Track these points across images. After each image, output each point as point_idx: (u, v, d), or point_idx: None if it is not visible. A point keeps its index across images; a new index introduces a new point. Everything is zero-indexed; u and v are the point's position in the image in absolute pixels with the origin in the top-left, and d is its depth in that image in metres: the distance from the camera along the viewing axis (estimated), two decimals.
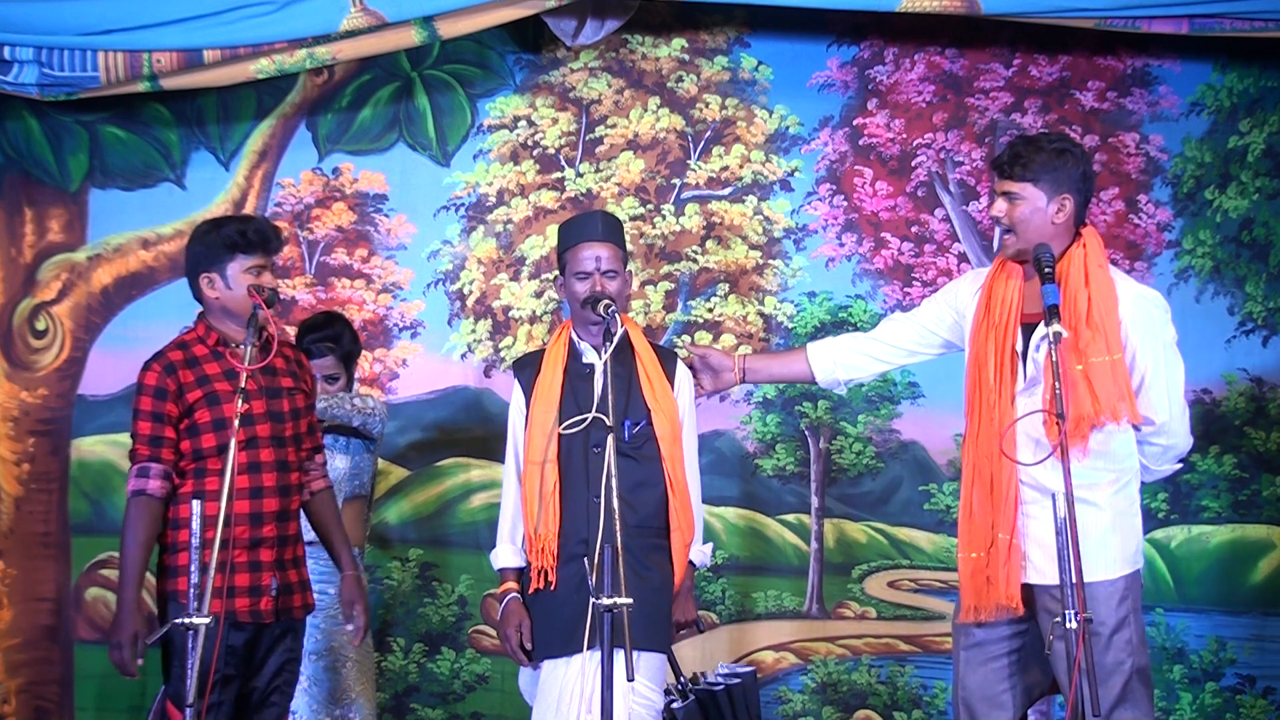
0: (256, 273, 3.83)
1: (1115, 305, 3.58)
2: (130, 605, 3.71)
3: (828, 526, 5.44)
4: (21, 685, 5.41)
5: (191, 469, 3.79)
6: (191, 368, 3.81)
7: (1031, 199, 3.62)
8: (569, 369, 3.90)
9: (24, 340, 5.47)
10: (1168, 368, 3.63)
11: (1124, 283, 3.67)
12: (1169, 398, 3.62)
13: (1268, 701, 5.37)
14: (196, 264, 3.88)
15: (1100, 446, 3.58)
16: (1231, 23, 4.98)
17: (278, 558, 3.84)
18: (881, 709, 5.41)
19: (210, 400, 3.77)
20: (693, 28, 5.53)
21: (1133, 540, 3.65)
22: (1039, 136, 3.75)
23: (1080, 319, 3.57)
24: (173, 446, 3.78)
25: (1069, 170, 3.62)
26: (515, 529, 3.91)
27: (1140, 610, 3.67)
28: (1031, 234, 3.62)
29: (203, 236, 3.90)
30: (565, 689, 3.72)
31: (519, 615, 3.84)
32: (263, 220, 4.03)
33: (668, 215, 5.52)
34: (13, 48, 4.96)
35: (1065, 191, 3.61)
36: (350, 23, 4.89)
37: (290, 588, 3.88)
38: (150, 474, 3.75)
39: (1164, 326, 3.66)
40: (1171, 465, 3.77)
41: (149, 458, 3.76)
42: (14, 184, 5.50)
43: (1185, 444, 3.71)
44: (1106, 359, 3.53)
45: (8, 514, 5.43)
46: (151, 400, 3.78)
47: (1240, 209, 5.46)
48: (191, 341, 3.88)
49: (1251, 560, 5.37)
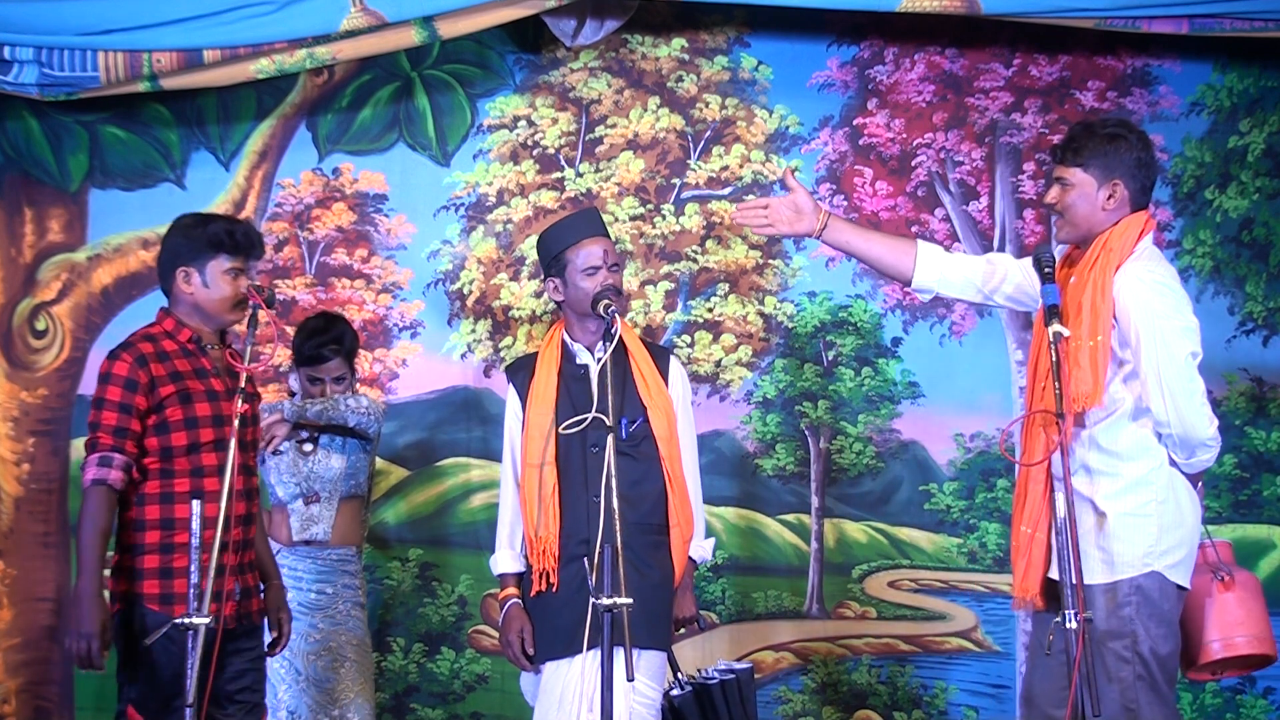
0: (235, 275, 3.77)
1: (1108, 289, 3.48)
2: (93, 595, 3.62)
3: (828, 526, 5.44)
4: (21, 685, 5.41)
5: (157, 468, 3.71)
6: (162, 362, 3.74)
7: (1081, 184, 3.58)
8: (563, 370, 3.91)
9: (24, 340, 5.47)
10: (1156, 349, 3.45)
11: (1134, 265, 3.53)
12: (1162, 382, 3.45)
13: (1268, 701, 5.37)
14: (175, 256, 3.80)
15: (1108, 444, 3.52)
16: (1231, 23, 4.98)
17: (239, 562, 3.79)
18: (881, 709, 5.40)
19: (183, 398, 3.71)
20: (693, 28, 5.52)
21: (1141, 544, 3.49)
22: (1095, 122, 3.70)
23: (1074, 304, 3.51)
24: (136, 440, 3.69)
25: (1121, 155, 3.57)
26: (514, 533, 3.92)
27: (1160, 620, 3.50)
28: (1081, 220, 3.59)
29: (186, 230, 3.83)
30: (566, 688, 3.73)
31: (520, 621, 3.85)
32: (249, 224, 3.99)
33: (668, 215, 5.52)
34: (13, 48, 4.96)
35: (1116, 177, 3.56)
36: (350, 23, 4.89)
37: (249, 592, 3.85)
38: (113, 464, 3.66)
39: (1156, 307, 3.48)
40: (1198, 458, 3.53)
41: (112, 447, 3.66)
42: (14, 184, 5.49)
43: (1199, 433, 3.48)
44: (1087, 344, 3.44)
45: (8, 514, 5.43)
46: (121, 391, 3.69)
47: (1240, 209, 5.46)
48: (159, 335, 3.80)
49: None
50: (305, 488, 4.52)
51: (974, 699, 5.40)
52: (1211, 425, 3.51)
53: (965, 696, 5.41)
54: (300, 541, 4.51)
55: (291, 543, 4.51)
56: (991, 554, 5.39)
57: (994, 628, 5.39)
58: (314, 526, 4.51)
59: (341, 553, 4.56)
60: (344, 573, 4.55)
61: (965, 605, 5.41)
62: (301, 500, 4.52)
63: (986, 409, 5.41)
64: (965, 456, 5.43)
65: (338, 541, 4.55)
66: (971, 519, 5.40)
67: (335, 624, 4.45)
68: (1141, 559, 3.50)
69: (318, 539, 4.51)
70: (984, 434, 5.41)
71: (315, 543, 4.52)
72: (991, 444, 5.38)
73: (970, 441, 5.43)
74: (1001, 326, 5.45)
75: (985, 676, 5.41)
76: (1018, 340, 5.42)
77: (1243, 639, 3.61)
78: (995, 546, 5.37)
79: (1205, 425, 3.49)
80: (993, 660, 5.40)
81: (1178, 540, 3.54)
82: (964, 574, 5.41)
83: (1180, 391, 3.46)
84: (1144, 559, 3.50)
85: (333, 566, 4.53)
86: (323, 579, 4.50)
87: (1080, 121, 3.90)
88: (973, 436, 5.43)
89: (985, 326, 5.45)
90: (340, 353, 4.57)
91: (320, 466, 4.54)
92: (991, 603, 5.38)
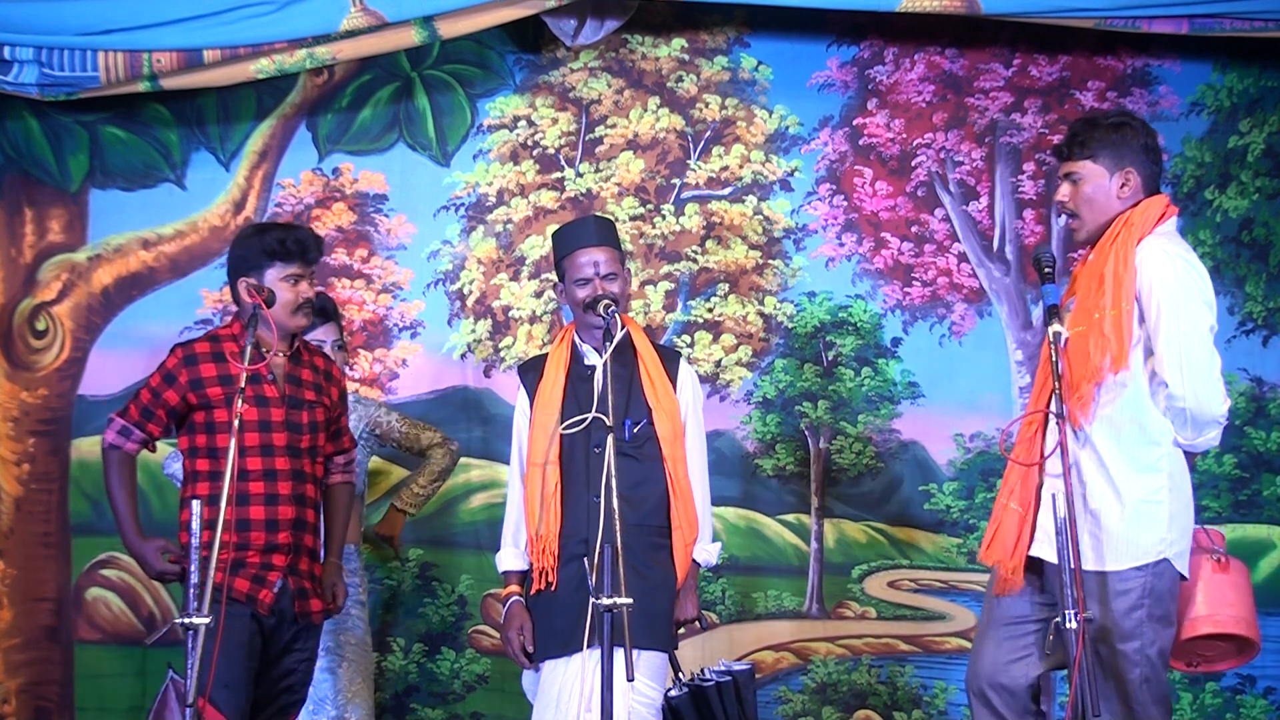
0: (294, 281, 3.90)
1: (1130, 259, 3.43)
2: (137, 542, 3.87)
3: (828, 526, 5.44)
4: (21, 685, 5.40)
5: (207, 469, 3.84)
6: (218, 363, 3.88)
7: (1093, 175, 3.55)
8: (571, 371, 3.93)
9: (24, 340, 5.47)
10: (1177, 322, 3.38)
11: (1155, 239, 3.48)
12: (1181, 354, 3.37)
13: (1268, 701, 5.37)
14: (237, 268, 3.95)
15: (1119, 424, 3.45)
16: (1231, 23, 4.98)
17: (291, 564, 3.88)
18: (881, 709, 5.40)
19: (230, 401, 3.77)
20: (693, 28, 5.52)
21: (1153, 530, 3.44)
22: (1095, 114, 3.71)
23: (1095, 276, 3.46)
24: (160, 426, 3.93)
25: (1129, 143, 3.54)
26: (519, 532, 3.93)
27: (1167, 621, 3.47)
28: (1098, 212, 3.55)
29: (244, 241, 3.98)
30: (565, 687, 3.73)
31: (521, 618, 3.86)
32: (305, 230, 4.12)
33: (668, 215, 5.52)
34: (13, 48, 4.96)
35: (1128, 165, 3.54)
36: (350, 23, 4.89)
37: (306, 592, 3.93)
38: (131, 436, 3.93)
39: (1180, 280, 3.42)
40: (1205, 436, 3.47)
41: (136, 423, 3.92)
42: (14, 184, 5.50)
43: (1212, 409, 3.41)
44: (1111, 312, 3.39)
45: (8, 514, 5.43)
46: (160, 380, 3.91)
47: (1240, 209, 5.46)
48: (224, 338, 3.95)
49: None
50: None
51: None
52: (1225, 403, 3.45)
53: (965, 696, 5.38)
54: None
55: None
56: None
57: None
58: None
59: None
60: (345, 570, 4.54)
61: (965, 605, 5.40)
62: None
63: (986, 409, 5.41)
64: (965, 456, 5.43)
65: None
66: (971, 519, 5.40)
67: (335, 623, 4.45)
68: (1156, 547, 3.45)
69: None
70: (984, 434, 5.41)
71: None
72: (991, 444, 5.38)
73: (970, 441, 5.43)
74: (1001, 327, 5.45)
75: None
76: (1018, 340, 5.42)
77: (1229, 617, 3.57)
78: None
79: (1219, 402, 3.44)
80: None
81: (1183, 528, 3.50)
82: (964, 574, 5.41)
83: (1199, 364, 3.39)
84: (1157, 547, 3.45)
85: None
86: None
87: (1079, 118, 3.87)
88: (973, 436, 5.43)
89: (985, 327, 5.45)
90: (328, 319, 4.55)
91: None
92: None
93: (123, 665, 5.38)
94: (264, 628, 3.83)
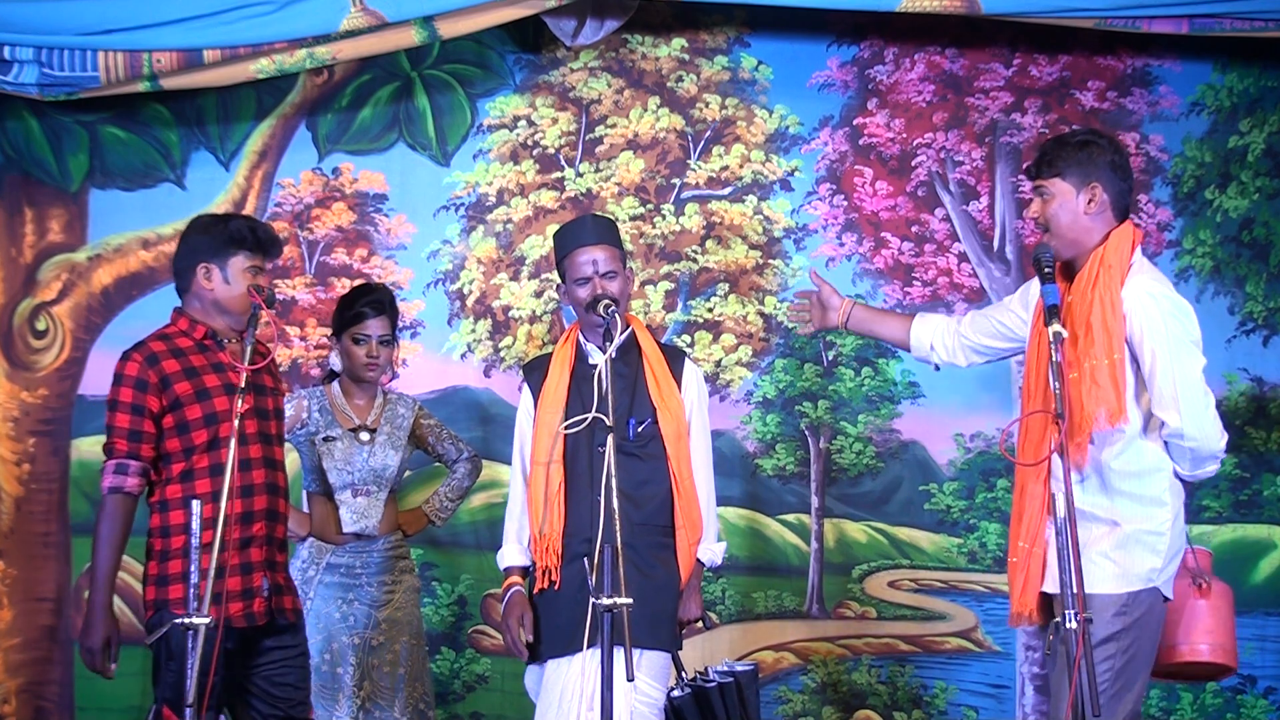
0: (255, 272, 3.81)
1: (1118, 305, 3.51)
2: (102, 608, 3.68)
3: (828, 526, 5.44)
4: (21, 685, 5.40)
5: (179, 470, 3.72)
6: (177, 358, 3.75)
7: (1061, 193, 3.61)
8: (575, 370, 3.93)
9: (24, 340, 5.47)
10: (1173, 364, 3.48)
11: (1137, 279, 3.56)
12: (1179, 396, 3.47)
13: (1268, 701, 5.37)
14: (195, 253, 3.83)
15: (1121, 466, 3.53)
16: (1231, 23, 4.98)
17: (267, 557, 3.81)
18: (881, 709, 5.41)
19: (200, 395, 3.72)
20: (693, 28, 5.53)
21: (1149, 560, 3.52)
22: (1065, 134, 3.77)
23: (1082, 323, 3.53)
24: (152, 442, 3.71)
25: (1095, 159, 3.60)
26: (522, 531, 3.93)
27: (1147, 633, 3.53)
28: (1064, 228, 3.61)
29: (207, 228, 3.87)
30: (567, 686, 3.73)
31: (521, 607, 3.85)
32: (268, 224, 4.04)
33: (668, 215, 5.52)
34: (13, 48, 4.96)
35: (1093, 181, 3.59)
36: (350, 23, 4.89)
37: (280, 588, 3.86)
38: (129, 470, 3.69)
39: (1169, 323, 3.52)
40: (1205, 469, 3.58)
41: (128, 454, 3.69)
42: (14, 184, 5.50)
43: (1212, 444, 3.52)
44: (1104, 362, 3.48)
45: (8, 514, 5.43)
46: (132, 392, 3.70)
47: (1240, 209, 5.46)
48: (173, 334, 3.82)
49: (1252, 560, 5.37)
50: (358, 478, 4.49)
51: (974, 699, 5.40)
52: (1223, 439, 3.57)
53: (965, 696, 5.41)
54: (351, 535, 4.49)
55: (341, 535, 4.49)
56: (991, 554, 5.39)
57: (994, 628, 5.39)
58: (366, 519, 4.48)
59: (392, 541, 4.56)
60: (399, 559, 4.56)
61: (965, 605, 5.41)
62: (350, 491, 4.49)
63: (986, 409, 5.41)
64: (965, 456, 5.43)
65: (385, 531, 4.55)
66: (971, 519, 5.41)
67: (394, 621, 4.46)
68: (1146, 575, 3.53)
69: (369, 531, 4.49)
70: (984, 434, 5.42)
71: (365, 536, 4.50)
72: (991, 444, 5.38)
73: (970, 441, 5.43)
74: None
75: (985, 676, 5.41)
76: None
77: (1206, 647, 3.68)
78: (995, 546, 5.37)
79: (1218, 438, 3.55)
80: (993, 660, 5.40)
81: (1173, 555, 3.59)
82: (964, 574, 5.41)
83: (1198, 406, 3.50)
84: (1149, 574, 3.53)
85: (387, 556, 4.53)
86: (383, 570, 4.50)
87: (1050, 137, 3.95)
88: (973, 436, 5.43)
89: None
90: (382, 311, 4.54)
91: (377, 460, 4.51)
92: (991, 603, 5.38)
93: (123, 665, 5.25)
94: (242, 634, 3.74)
